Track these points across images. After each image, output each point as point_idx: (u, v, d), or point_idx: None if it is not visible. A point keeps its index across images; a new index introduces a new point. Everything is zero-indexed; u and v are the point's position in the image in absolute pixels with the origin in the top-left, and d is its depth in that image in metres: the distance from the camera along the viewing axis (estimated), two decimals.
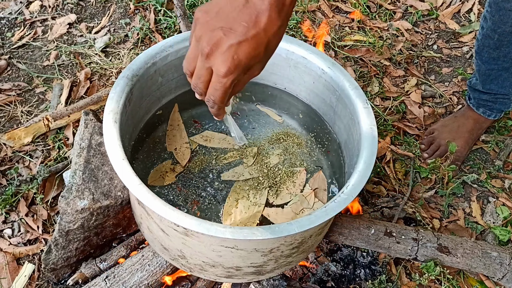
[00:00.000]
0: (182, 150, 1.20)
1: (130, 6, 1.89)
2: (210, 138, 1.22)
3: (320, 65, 1.17)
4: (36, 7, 1.86)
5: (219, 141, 1.22)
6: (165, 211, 0.88)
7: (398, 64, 1.84)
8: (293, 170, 1.18)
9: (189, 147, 1.20)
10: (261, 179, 1.17)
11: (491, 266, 1.26)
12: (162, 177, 1.15)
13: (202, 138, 1.23)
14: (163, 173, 1.16)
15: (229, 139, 1.23)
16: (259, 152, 1.21)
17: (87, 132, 1.24)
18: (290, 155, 1.22)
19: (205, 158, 1.19)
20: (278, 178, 1.17)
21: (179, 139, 1.22)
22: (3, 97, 1.60)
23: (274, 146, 1.23)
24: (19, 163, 1.47)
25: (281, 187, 1.16)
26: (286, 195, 1.15)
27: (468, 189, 1.55)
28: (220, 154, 1.21)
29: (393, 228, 1.27)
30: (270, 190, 1.15)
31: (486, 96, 1.54)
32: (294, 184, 1.16)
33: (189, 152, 1.19)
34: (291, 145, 1.23)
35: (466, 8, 2.04)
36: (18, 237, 1.34)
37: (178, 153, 1.19)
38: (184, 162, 1.18)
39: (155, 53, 1.12)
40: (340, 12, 2.00)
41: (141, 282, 1.15)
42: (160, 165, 1.17)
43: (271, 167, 1.19)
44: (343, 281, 1.29)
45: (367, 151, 1.02)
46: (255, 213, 1.11)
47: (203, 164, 1.19)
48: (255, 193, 1.14)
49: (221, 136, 1.23)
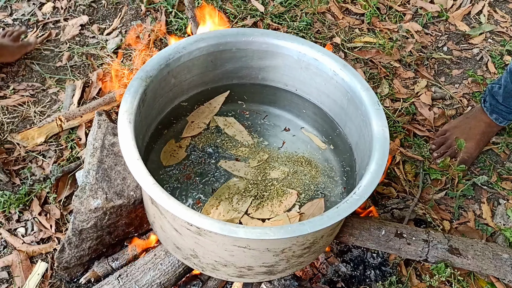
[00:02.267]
0: (193, 125, 1.23)
1: (141, 7, 1.90)
2: (230, 125, 1.24)
3: (332, 66, 1.18)
4: (48, 8, 1.88)
5: (235, 132, 1.23)
6: (179, 211, 0.89)
7: (408, 66, 1.85)
8: (286, 190, 1.16)
9: (203, 126, 1.24)
10: (250, 186, 1.15)
11: (501, 268, 1.26)
12: (173, 156, 1.18)
13: (223, 122, 1.24)
14: (171, 152, 1.18)
15: (244, 135, 1.24)
16: (267, 161, 1.21)
17: (100, 133, 1.25)
18: (294, 179, 1.18)
19: (212, 138, 1.22)
20: (267, 192, 1.15)
21: (201, 115, 1.24)
22: (16, 98, 1.62)
23: (288, 163, 1.21)
24: (32, 162, 1.49)
25: (265, 202, 1.14)
26: (267, 211, 1.13)
27: (479, 191, 1.55)
28: (231, 143, 1.22)
29: (404, 230, 1.28)
30: (254, 201, 1.14)
31: (503, 107, 1.53)
32: (280, 204, 1.14)
33: (199, 131, 1.23)
34: (304, 172, 1.20)
35: (476, 10, 2.04)
36: (32, 236, 1.36)
37: (190, 126, 1.23)
38: (188, 135, 1.21)
39: (168, 55, 1.14)
40: (350, 13, 2.01)
41: (153, 281, 1.16)
42: (165, 147, 1.20)
43: (266, 178, 1.18)
44: (353, 282, 1.30)
45: (379, 152, 1.03)
46: (232, 219, 1.10)
47: (208, 142, 1.21)
48: (239, 198, 1.13)
49: (241, 128, 1.25)
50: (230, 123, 1.25)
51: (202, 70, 1.24)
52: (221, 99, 1.29)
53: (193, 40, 1.18)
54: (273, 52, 1.24)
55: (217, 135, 1.24)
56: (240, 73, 1.30)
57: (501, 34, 1.97)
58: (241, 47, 1.23)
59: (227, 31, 1.23)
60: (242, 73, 1.30)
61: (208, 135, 1.24)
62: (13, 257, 1.31)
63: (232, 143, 1.23)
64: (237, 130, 1.24)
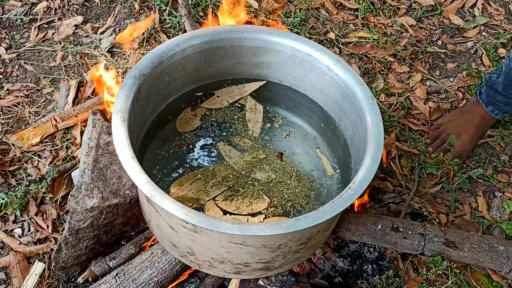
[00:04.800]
0: (217, 99, 1.27)
1: (135, 6, 1.90)
2: (253, 111, 1.25)
3: (326, 62, 1.18)
4: (42, 8, 1.87)
5: (251, 118, 1.25)
6: (174, 208, 0.89)
7: (402, 60, 1.85)
8: (260, 195, 1.14)
9: (225, 104, 1.27)
10: (231, 176, 1.16)
11: (498, 260, 1.27)
12: (188, 123, 1.23)
13: (252, 105, 1.26)
14: (187, 120, 1.23)
15: (257, 126, 1.25)
16: (261, 160, 1.20)
17: (95, 132, 1.25)
18: (275, 188, 1.16)
19: (227, 117, 1.26)
20: (244, 189, 1.15)
21: (228, 93, 1.28)
22: (11, 98, 1.62)
23: (278, 171, 1.18)
24: (27, 163, 1.48)
25: (237, 197, 1.13)
26: (233, 206, 1.12)
27: (474, 184, 1.55)
28: (241, 128, 1.24)
29: (400, 224, 1.28)
30: (227, 191, 1.14)
31: (501, 98, 1.52)
32: (249, 205, 1.12)
33: (219, 106, 1.27)
34: (288, 186, 1.16)
35: (470, 3, 2.04)
36: (28, 237, 1.36)
37: (213, 99, 1.28)
38: (207, 106, 1.26)
39: (162, 53, 1.14)
40: (344, 9, 2.00)
41: (150, 279, 1.16)
42: (181, 114, 1.25)
43: (250, 176, 1.17)
44: (350, 276, 1.30)
45: (374, 146, 1.03)
46: (198, 198, 1.11)
47: (222, 119, 1.25)
48: (215, 183, 1.14)
49: (259, 119, 1.26)
50: (256, 109, 1.26)
51: (196, 68, 1.23)
52: (255, 86, 1.30)
53: (186, 37, 1.18)
54: (267, 49, 1.24)
55: (233, 117, 1.26)
56: (234, 70, 1.29)
57: (495, 27, 1.98)
58: (234, 44, 1.23)
59: (220, 28, 1.23)
60: (236, 69, 1.30)
61: (225, 113, 1.26)
62: (10, 258, 1.31)
63: (242, 128, 1.24)
64: (254, 118, 1.25)
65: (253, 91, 1.31)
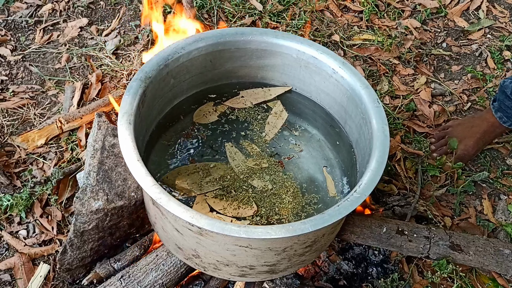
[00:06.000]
0: (241, 99, 1.28)
1: (139, 8, 1.90)
2: (277, 116, 1.25)
3: (331, 64, 1.18)
4: (47, 10, 1.88)
5: (271, 123, 1.25)
6: (180, 211, 0.89)
7: (407, 63, 1.84)
8: (250, 202, 1.13)
9: (248, 104, 1.28)
10: (228, 177, 1.16)
11: (503, 263, 1.26)
12: (206, 116, 1.25)
13: (279, 110, 1.27)
14: (205, 112, 1.24)
15: (271, 132, 1.25)
16: (263, 169, 1.19)
17: (101, 134, 1.25)
18: (268, 199, 1.14)
19: (246, 117, 1.26)
20: (236, 192, 1.14)
21: (253, 95, 1.29)
22: (16, 100, 1.62)
23: (277, 183, 1.17)
24: (32, 165, 1.49)
25: (227, 198, 1.13)
26: (220, 205, 1.12)
27: (479, 187, 1.55)
28: (256, 131, 1.25)
29: (405, 227, 1.28)
30: (219, 190, 1.14)
31: (510, 103, 1.51)
32: (236, 209, 1.12)
33: (241, 106, 1.28)
34: (282, 200, 1.14)
35: (474, 5, 2.04)
36: (33, 238, 1.36)
37: (237, 99, 1.29)
38: (229, 104, 1.28)
39: (167, 55, 1.14)
40: (348, 11, 2.00)
41: (155, 282, 1.16)
42: (202, 106, 1.27)
43: (247, 181, 1.16)
44: (355, 279, 1.30)
45: (379, 150, 1.03)
46: (191, 190, 1.13)
47: (241, 118, 1.27)
48: (210, 180, 1.15)
49: (278, 125, 1.26)
50: (280, 115, 1.26)
51: (201, 70, 1.24)
52: (280, 90, 1.30)
53: (192, 40, 1.18)
54: (272, 51, 1.24)
55: (255, 117, 1.27)
56: (239, 72, 1.30)
57: (500, 29, 1.97)
58: (240, 46, 1.23)
59: (226, 30, 1.23)
60: (241, 72, 1.30)
61: (249, 112, 1.27)
62: (15, 259, 1.31)
63: (259, 130, 1.25)
64: (274, 123, 1.25)
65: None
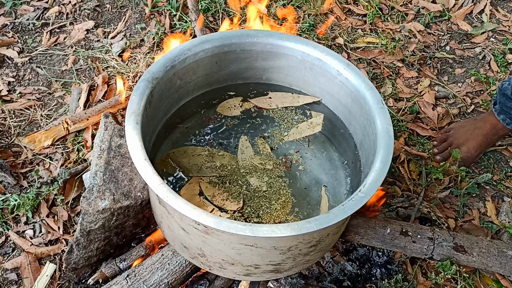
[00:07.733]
0: (268, 100, 1.31)
1: (145, 11, 1.92)
2: (308, 126, 1.27)
3: (336, 66, 1.19)
4: (54, 13, 1.90)
5: (295, 127, 1.26)
6: (187, 210, 0.90)
7: (411, 65, 1.85)
8: (238, 198, 1.13)
9: (274, 106, 1.30)
10: (228, 168, 1.18)
11: (507, 265, 1.27)
12: (230, 109, 1.28)
13: (311, 122, 1.27)
14: (230, 106, 1.27)
15: (289, 136, 1.26)
16: (266, 170, 1.19)
17: (107, 134, 1.27)
18: (256, 198, 1.14)
19: (269, 117, 1.28)
20: (231, 184, 1.15)
21: (281, 99, 1.31)
22: (23, 102, 1.64)
23: (273, 186, 1.17)
24: (39, 165, 1.50)
25: (219, 186, 1.14)
26: (210, 191, 1.13)
27: (483, 189, 1.55)
28: (275, 132, 1.26)
29: (409, 228, 1.28)
30: (215, 178, 1.16)
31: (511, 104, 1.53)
32: (223, 200, 1.12)
33: (266, 106, 1.30)
34: (270, 205, 1.14)
35: (478, 9, 2.05)
36: (40, 238, 1.37)
37: (263, 99, 1.31)
38: (255, 103, 1.30)
39: (174, 56, 1.15)
40: (352, 14, 2.02)
41: (161, 281, 1.17)
42: (230, 99, 1.30)
43: (244, 177, 1.17)
44: (359, 280, 1.30)
45: (384, 150, 1.04)
46: (189, 169, 1.16)
47: (264, 117, 1.28)
48: (209, 166, 1.17)
49: (301, 130, 1.27)
50: (313, 128, 1.26)
51: (207, 72, 1.25)
52: (309, 99, 1.31)
53: (198, 41, 1.19)
54: (277, 53, 1.25)
55: (277, 120, 1.28)
56: (245, 74, 1.31)
57: (503, 33, 1.98)
58: (245, 48, 1.24)
59: (232, 32, 1.25)
60: (247, 74, 1.31)
61: (270, 113, 1.29)
62: (22, 259, 1.32)
63: (280, 130, 1.26)
64: (301, 130, 1.26)
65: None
